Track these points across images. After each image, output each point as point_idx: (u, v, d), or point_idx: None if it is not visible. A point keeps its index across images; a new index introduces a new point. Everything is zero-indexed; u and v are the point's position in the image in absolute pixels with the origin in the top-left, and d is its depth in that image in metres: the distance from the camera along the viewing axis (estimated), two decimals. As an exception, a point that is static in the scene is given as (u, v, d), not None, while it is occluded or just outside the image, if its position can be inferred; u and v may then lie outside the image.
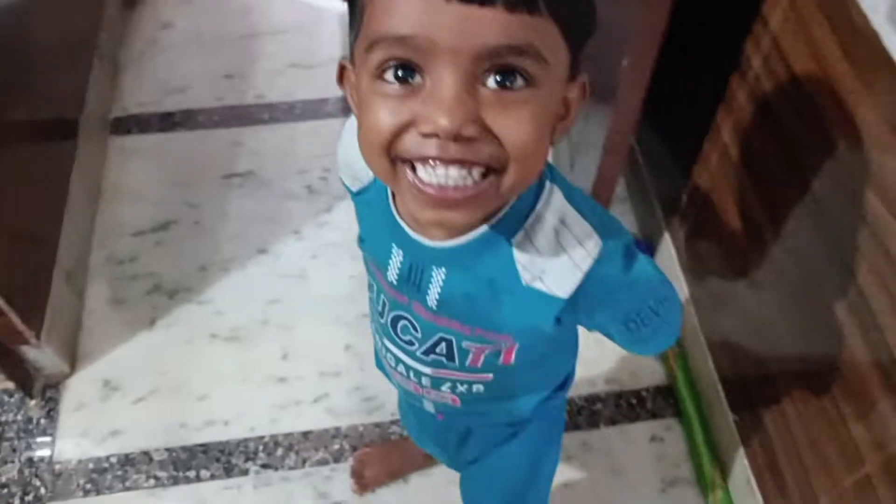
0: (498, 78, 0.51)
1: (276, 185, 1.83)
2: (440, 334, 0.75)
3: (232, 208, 1.79)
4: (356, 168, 0.73)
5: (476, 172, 0.54)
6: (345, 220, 1.76)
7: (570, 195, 0.66)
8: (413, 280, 0.71)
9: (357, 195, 0.76)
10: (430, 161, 0.54)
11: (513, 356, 0.76)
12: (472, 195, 0.55)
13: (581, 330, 0.82)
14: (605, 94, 1.22)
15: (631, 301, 0.71)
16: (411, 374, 0.83)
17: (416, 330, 0.76)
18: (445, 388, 0.82)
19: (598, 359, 1.57)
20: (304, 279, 1.69)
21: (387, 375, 0.94)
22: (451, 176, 0.54)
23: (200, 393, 1.53)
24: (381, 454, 1.43)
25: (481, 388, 0.82)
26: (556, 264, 0.65)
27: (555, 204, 0.65)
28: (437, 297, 0.71)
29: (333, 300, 1.64)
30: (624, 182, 1.80)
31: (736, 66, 1.24)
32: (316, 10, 2.19)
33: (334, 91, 1.98)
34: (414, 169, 0.55)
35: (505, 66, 0.51)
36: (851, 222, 0.98)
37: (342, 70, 0.63)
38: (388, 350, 0.84)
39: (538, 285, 0.66)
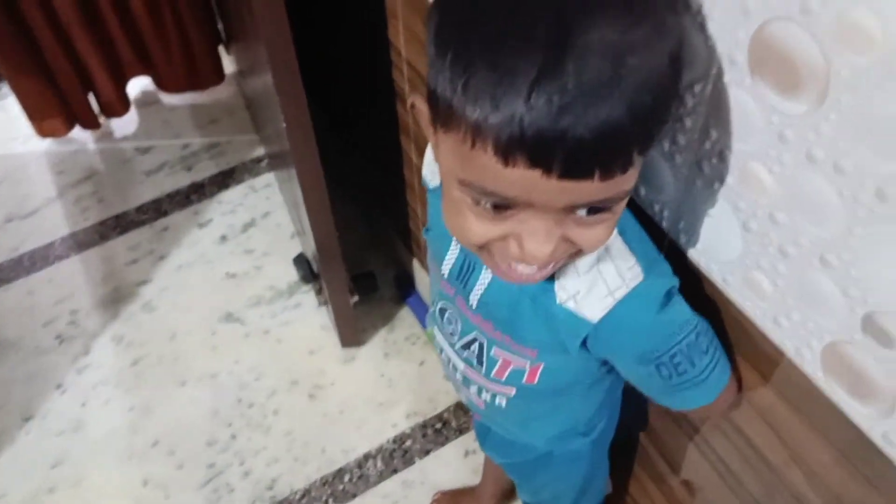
0: (586, 211, 0.54)
1: (24, 344, 1.73)
2: (474, 333, 0.79)
3: (-18, 385, 1.67)
4: (436, 170, 0.77)
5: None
6: (105, 356, 1.69)
7: (623, 227, 0.68)
8: (463, 276, 0.76)
9: (433, 191, 0.80)
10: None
11: (537, 376, 0.78)
12: (544, 273, 0.61)
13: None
14: (287, 159, 1.26)
15: (662, 342, 0.69)
16: (450, 365, 0.87)
17: (457, 324, 0.81)
18: (473, 389, 0.86)
19: (393, 399, 1.60)
20: (80, 430, 1.60)
21: None
22: (529, 271, 0.60)
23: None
24: (453, 498, 1.46)
25: (503, 402, 0.84)
26: (591, 288, 0.67)
27: None
28: (479, 296, 0.75)
29: (118, 438, 1.57)
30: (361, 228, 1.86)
31: (395, 94, 1.32)
32: (17, 157, 2.10)
33: (61, 230, 1.91)
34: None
35: (595, 208, 0.54)
36: None
37: (412, 106, 0.63)
38: (437, 338, 0.89)
39: (570, 305, 0.68)
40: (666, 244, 0.78)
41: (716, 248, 0.72)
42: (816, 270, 0.61)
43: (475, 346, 0.80)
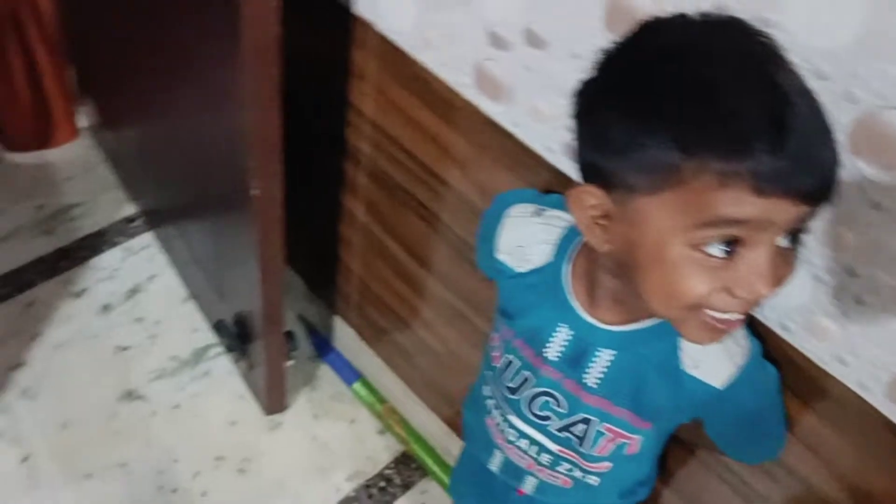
0: (788, 239, 0.58)
1: None
2: (584, 413, 0.79)
3: None
4: (527, 252, 0.80)
5: None
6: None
7: None
8: (575, 358, 0.76)
9: (517, 276, 0.81)
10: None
11: (638, 446, 0.81)
12: (743, 320, 0.63)
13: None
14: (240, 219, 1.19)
15: (766, 397, 0.79)
16: (532, 450, 0.86)
17: (559, 406, 0.80)
18: (563, 468, 0.86)
19: (330, 462, 1.54)
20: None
21: (475, 449, 0.99)
22: (738, 315, 0.61)
23: None
24: None
25: (596, 479, 0.86)
26: (714, 355, 0.72)
27: None
28: (600, 376, 0.76)
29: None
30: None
31: (347, 156, 1.30)
32: None
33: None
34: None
35: (797, 228, 0.58)
36: (471, 232, 1.12)
37: (578, 194, 0.63)
38: (509, 424, 0.87)
39: (696, 372, 0.73)
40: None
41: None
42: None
43: (579, 427, 0.81)
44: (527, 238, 0.81)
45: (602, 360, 0.75)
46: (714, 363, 0.72)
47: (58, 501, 1.43)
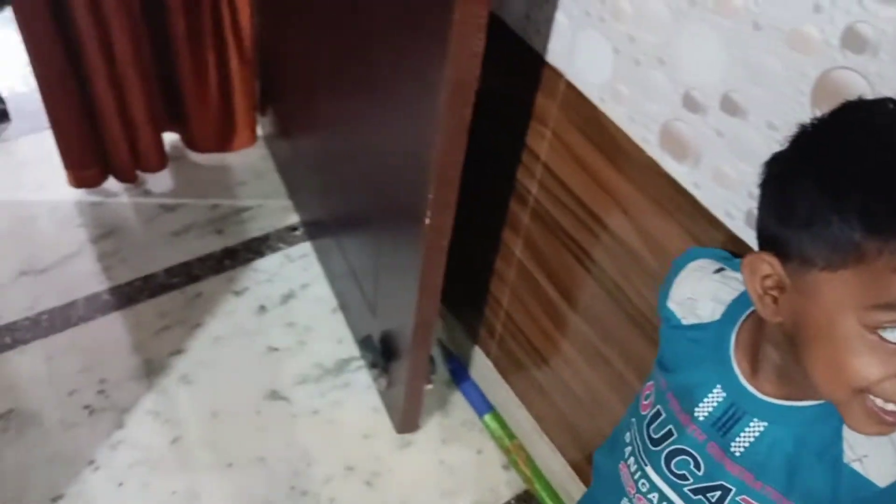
0: None
1: (48, 416, 1.60)
2: (722, 481, 0.76)
3: (1, 461, 1.52)
4: (697, 306, 0.80)
5: None
6: (141, 432, 1.58)
7: None
8: (724, 424, 0.74)
9: (683, 328, 0.80)
10: None
11: None
12: None
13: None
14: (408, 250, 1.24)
15: None
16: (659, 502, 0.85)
17: (698, 469, 0.78)
18: None
19: (455, 488, 1.57)
20: (118, 514, 1.48)
21: (601, 494, 0.98)
22: None
23: None
24: None
25: None
26: (879, 451, 0.67)
27: None
28: (746, 446, 0.73)
29: (161, 525, 1.47)
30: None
31: (514, 194, 1.33)
32: (25, 206, 1.96)
33: (82, 290, 1.80)
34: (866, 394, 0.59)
35: None
36: (628, 279, 1.14)
37: (753, 261, 0.63)
38: (644, 475, 0.85)
39: (857, 466, 0.68)
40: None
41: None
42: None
43: (716, 493, 0.79)
44: (700, 292, 0.81)
45: (753, 430, 0.74)
46: (879, 459, 0.69)
47: (199, 485, 1.52)
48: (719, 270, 0.83)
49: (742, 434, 0.75)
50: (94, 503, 1.49)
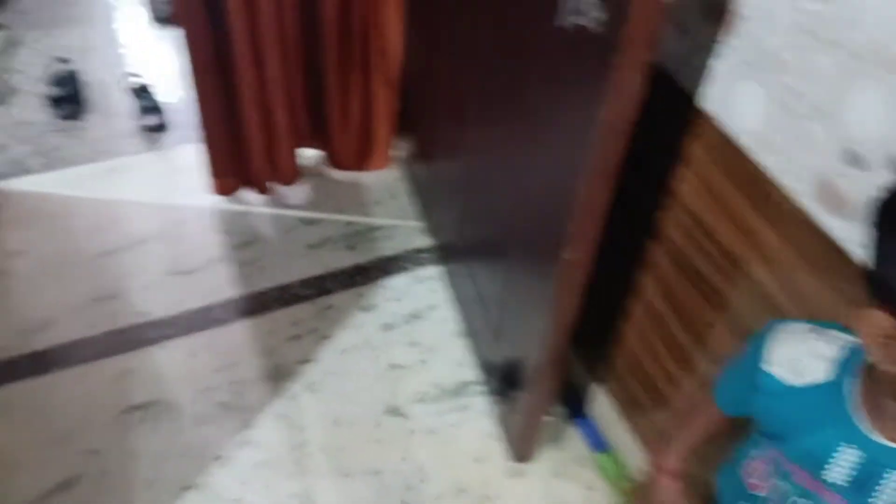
0: None
1: (184, 410, 1.70)
2: None
3: (139, 447, 1.63)
4: (804, 365, 0.78)
5: None
6: (267, 434, 1.66)
7: None
8: (862, 481, 0.73)
9: (795, 392, 0.78)
10: None
11: None
12: None
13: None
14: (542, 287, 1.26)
15: None
16: None
17: None
18: None
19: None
20: (241, 510, 1.56)
21: None
22: None
23: None
24: None
25: None
26: None
27: None
28: (885, 498, 0.72)
29: (280, 527, 1.53)
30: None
31: (651, 233, 1.33)
32: (178, 210, 2.11)
33: (222, 294, 1.90)
34: None
35: None
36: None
37: (868, 314, 0.63)
38: None
39: None
40: None
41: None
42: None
43: None
44: (804, 352, 0.79)
45: (889, 481, 0.72)
46: None
47: (315, 490, 1.58)
48: (814, 330, 0.81)
49: (879, 488, 0.73)
50: (219, 497, 1.57)
